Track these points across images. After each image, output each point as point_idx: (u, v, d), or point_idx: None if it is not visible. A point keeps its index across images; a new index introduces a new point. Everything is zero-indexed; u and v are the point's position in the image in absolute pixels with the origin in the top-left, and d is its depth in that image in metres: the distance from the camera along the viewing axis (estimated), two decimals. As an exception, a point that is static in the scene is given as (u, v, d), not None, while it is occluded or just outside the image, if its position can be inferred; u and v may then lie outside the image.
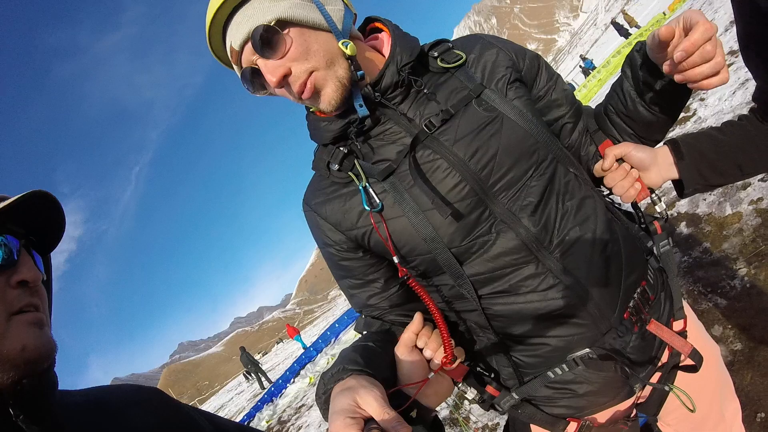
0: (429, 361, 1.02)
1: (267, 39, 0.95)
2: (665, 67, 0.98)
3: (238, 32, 0.98)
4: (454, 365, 1.00)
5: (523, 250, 1.02)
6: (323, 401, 0.91)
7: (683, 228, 4.43)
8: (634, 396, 1.17)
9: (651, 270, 1.18)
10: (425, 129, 1.03)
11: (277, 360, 38.80)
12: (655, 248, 1.19)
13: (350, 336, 17.47)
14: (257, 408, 15.86)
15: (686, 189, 1.14)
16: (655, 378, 1.19)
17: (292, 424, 10.35)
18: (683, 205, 4.79)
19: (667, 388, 1.14)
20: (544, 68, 1.20)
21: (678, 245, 4.25)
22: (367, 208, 1.04)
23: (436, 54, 1.12)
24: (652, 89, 1.07)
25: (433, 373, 0.99)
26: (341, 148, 1.09)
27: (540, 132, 1.07)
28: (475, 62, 1.13)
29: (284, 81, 0.99)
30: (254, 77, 1.02)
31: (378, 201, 1.04)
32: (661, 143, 1.20)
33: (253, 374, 23.84)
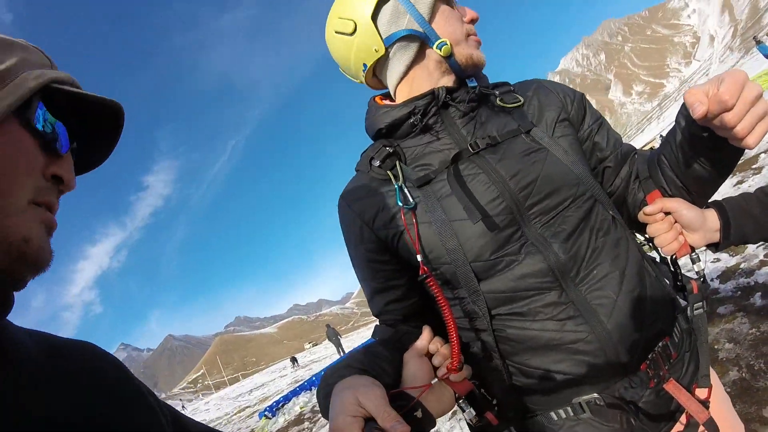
0: (437, 369, 1.01)
1: None
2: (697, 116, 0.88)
3: None
4: (461, 375, 0.99)
5: (548, 275, 1.02)
6: (323, 397, 0.92)
7: (757, 299, 4.21)
8: None
9: (678, 328, 1.13)
10: (469, 147, 1.09)
11: (326, 353, 39.53)
12: (688, 309, 1.13)
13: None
14: (295, 392, 16.03)
15: (718, 249, 1.15)
16: None
17: (326, 415, 10.45)
18: (762, 275, 4.56)
19: None
20: (589, 110, 1.25)
21: (748, 316, 4.06)
22: (400, 204, 1.07)
23: (497, 93, 1.19)
24: (704, 143, 1.00)
25: (436, 379, 0.97)
26: (387, 147, 1.15)
27: (581, 171, 1.10)
28: (529, 102, 1.20)
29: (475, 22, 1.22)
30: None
31: (412, 201, 1.08)
32: (709, 202, 1.17)
33: (335, 346, 28.99)
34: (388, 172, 1.12)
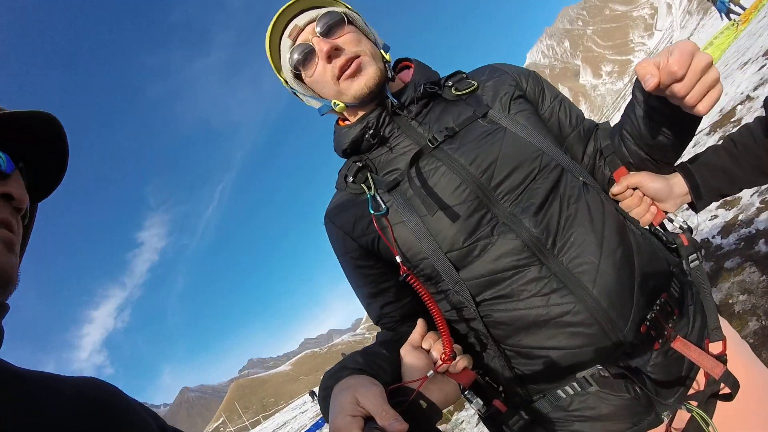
0: (435, 363, 1.00)
1: (332, 22, 1.13)
2: (648, 88, 0.89)
3: (307, 16, 1.15)
4: (457, 364, 0.98)
5: (524, 251, 1.01)
6: (323, 398, 0.93)
7: (762, 246, 4.16)
8: (663, 425, 1.05)
9: (676, 282, 1.12)
10: (429, 143, 1.12)
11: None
12: (684, 262, 1.13)
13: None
14: (318, 425, 16.14)
15: (698, 210, 1.18)
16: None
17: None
18: (762, 222, 4.51)
19: (684, 407, 1.02)
20: (547, 87, 1.28)
21: (756, 264, 4.00)
22: (371, 211, 1.11)
23: (450, 83, 1.23)
24: (662, 113, 1.02)
25: (432, 372, 0.95)
26: (357, 163, 1.20)
27: (543, 142, 1.11)
28: (483, 86, 1.23)
29: (333, 53, 1.11)
30: (304, 53, 1.14)
31: (384, 206, 1.11)
32: (674, 165, 1.19)
33: None
34: (362, 185, 1.16)
